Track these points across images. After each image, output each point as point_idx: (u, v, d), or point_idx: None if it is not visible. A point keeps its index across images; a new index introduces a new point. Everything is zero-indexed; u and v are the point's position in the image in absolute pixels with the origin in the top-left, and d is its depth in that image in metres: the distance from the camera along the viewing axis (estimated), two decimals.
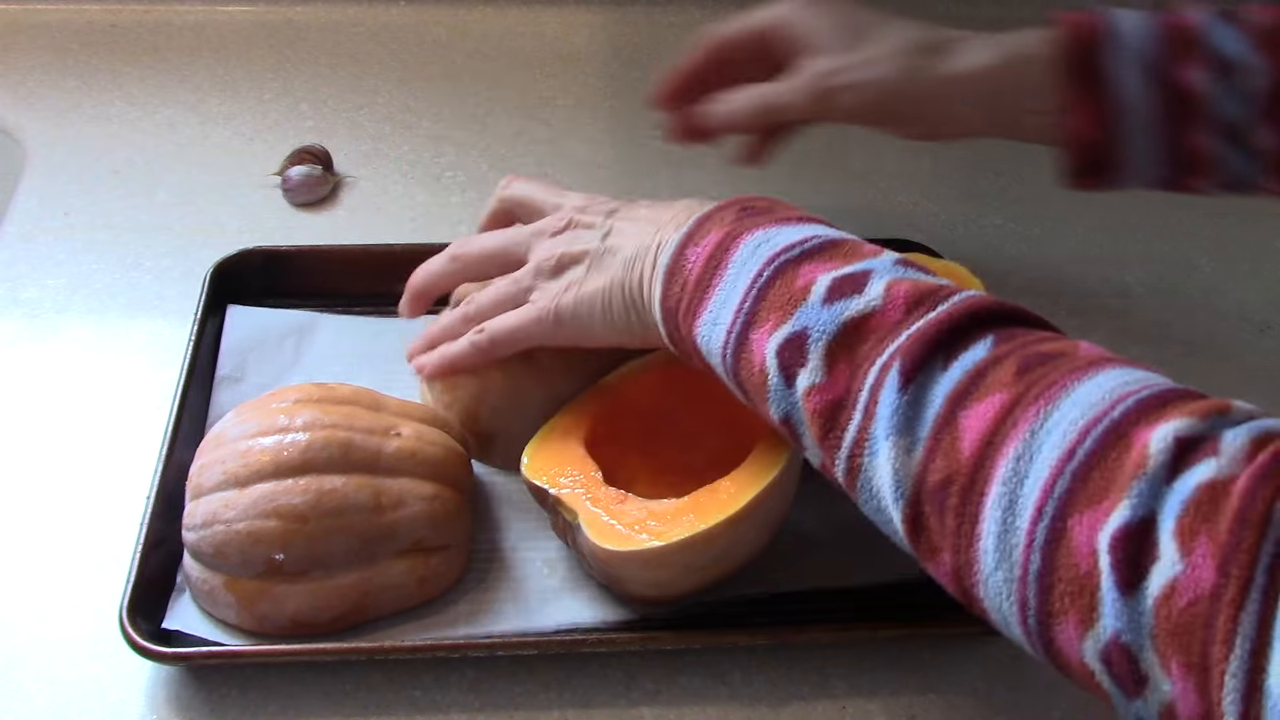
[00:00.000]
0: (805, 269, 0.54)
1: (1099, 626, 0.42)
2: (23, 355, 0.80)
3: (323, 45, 1.11)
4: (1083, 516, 0.42)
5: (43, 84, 1.03)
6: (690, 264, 0.58)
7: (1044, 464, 0.44)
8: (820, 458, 0.53)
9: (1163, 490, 0.41)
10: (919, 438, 0.48)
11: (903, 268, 0.54)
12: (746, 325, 0.55)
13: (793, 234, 0.56)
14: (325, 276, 0.82)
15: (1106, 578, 0.41)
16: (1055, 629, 0.44)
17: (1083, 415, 0.44)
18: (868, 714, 0.63)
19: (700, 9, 1.17)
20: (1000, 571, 0.45)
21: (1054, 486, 0.43)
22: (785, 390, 0.53)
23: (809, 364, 0.52)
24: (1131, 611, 0.40)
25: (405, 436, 0.65)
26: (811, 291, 0.53)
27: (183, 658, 0.61)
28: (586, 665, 0.64)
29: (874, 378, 0.50)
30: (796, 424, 0.53)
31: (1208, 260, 0.93)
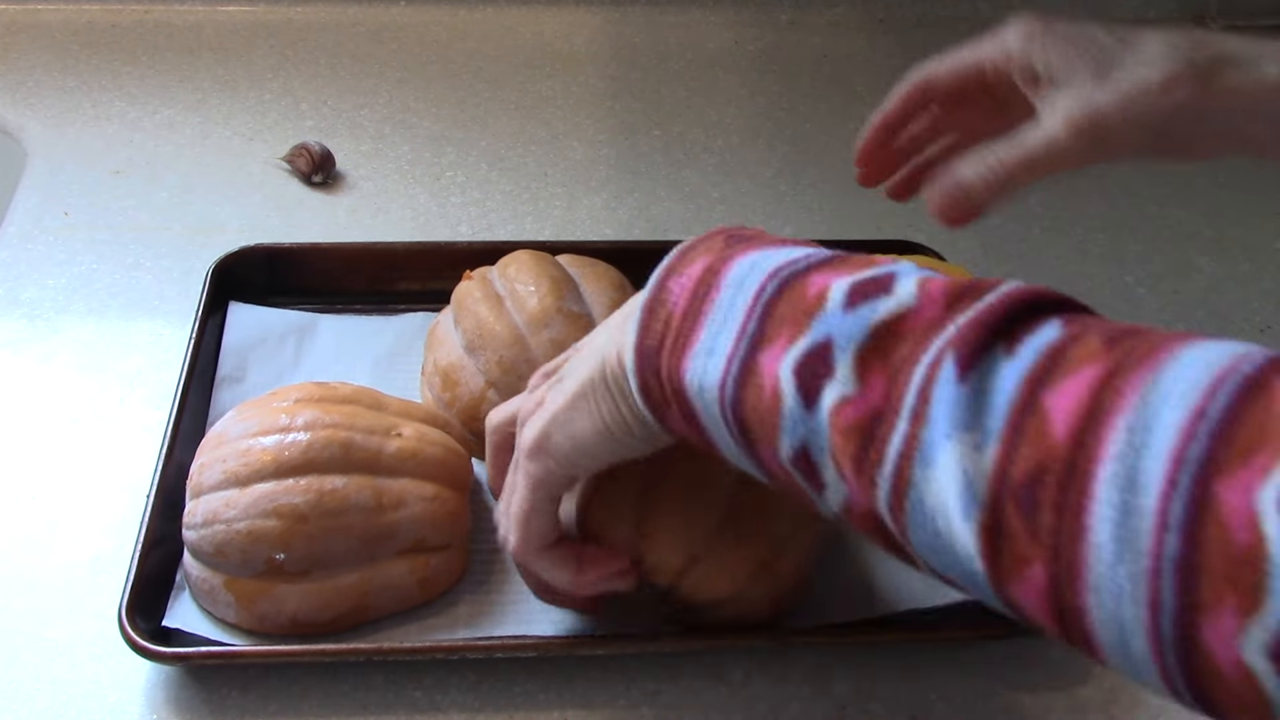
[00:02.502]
0: (815, 278, 0.47)
1: (1267, 612, 0.34)
2: (23, 355, 0.80)
3: (323, 45, 1.11)
4: (1232, 480, 0.35)
5: (43, 84, 1.03)
6: (675, 296, 0.50)
7: (1169, 429, 0.37)
8: (847, 492, 0.45)
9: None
10: (991, 430, 0.41)
11: (928, 270, 0.47)
12: (753, 348, 0.47)
13: (792, 252, 0.50)
14: (326, 274, 0.82)
15: (1276, 546, 0.34)
16: (1203, 627, 0.36)
17: (1204, 375, 0.38)
18: (868, 714, 0.63)
19: (700, 9, 1.18)
20: (1122, 566, 0.37)
21: (1186, 452, 0.36)
22: (804, 414, 0.45)
23: (836, 375, 0.45)
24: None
25: (406, 436, 0.65)
26: (828, 299, 0.46)
27: (182, 658, 0.61)
28: (587, 666, 0.64)
29: (921, 376, 0.43)
30: (815, 454, 0.46)
31: (1208, 260, 0.93)
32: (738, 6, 1.18)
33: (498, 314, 0.72)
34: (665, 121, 1.05)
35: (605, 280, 0.75)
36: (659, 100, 1.07)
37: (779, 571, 0.63)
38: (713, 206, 0.96)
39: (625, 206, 0.95)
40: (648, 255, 0.82)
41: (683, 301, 0.50)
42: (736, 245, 0.51)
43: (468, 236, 0.91)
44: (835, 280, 0.47)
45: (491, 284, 0.75)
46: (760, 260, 0.50)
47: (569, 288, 0.74)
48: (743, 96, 1.09)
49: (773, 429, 0.47)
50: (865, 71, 1.12)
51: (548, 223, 0.93)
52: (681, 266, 0.52)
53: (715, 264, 0.50)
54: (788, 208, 0.96)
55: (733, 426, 0.48)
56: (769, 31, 1.17)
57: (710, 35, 1.16)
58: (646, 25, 1.16)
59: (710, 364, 0.48)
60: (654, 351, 0.50)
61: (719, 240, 0.53)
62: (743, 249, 0.51)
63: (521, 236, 0.91)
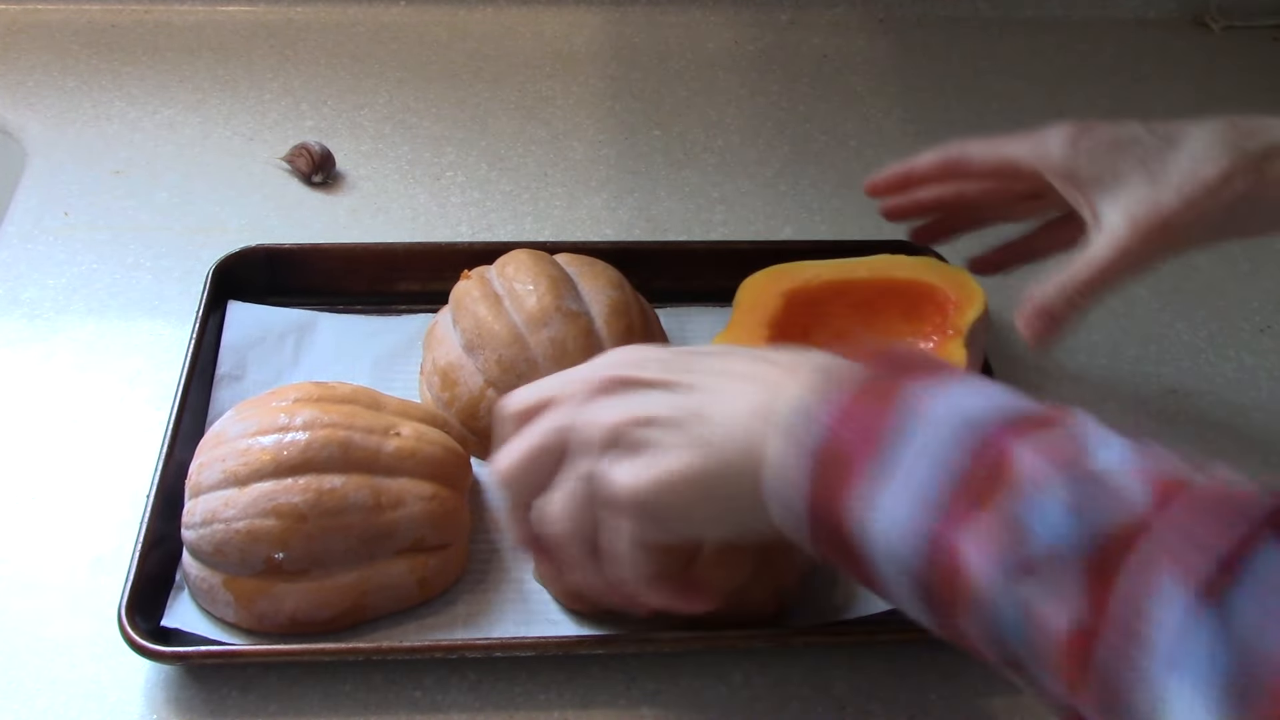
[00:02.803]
0: (1005, 445, 0.43)
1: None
2: (23, 355, 0.80)
3: (323, 45, 1.11)
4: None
5: (43, 84, 1.03)
6: (834, 427, 0.46)
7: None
8: (1045, 686, 0.42)
9: None
10: (1255, 682, 0.36)
11: (1134, 452, 0.43)
12: (937, 519, 0.43)
13: (966, 397, 0.45)
14: (326, 274, 0.82)
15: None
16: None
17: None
18: (868, 714, 0.63)
19: (700, 9, 1.18)
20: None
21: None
22: (997, 603, 0.42)
23: (1039, 575, 0.41)
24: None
25: (405, 436, 0.65)
26: (1024, 479, 0.42)
27: (182, 657, 0.61)
28: (587, 666, 0.64)
29: (1138, 599, 0.39)
30: (1010, 640, 0.42)
31: (1208, 260, 0.93)
32: (738, 6, 1.18)
33: (496, 313, 0.72)
34: (665, 121, 1.05)
35: (603, 279, 0.75)
36: (659, 100, 1.07)
37: (780, 567, 0.63)
38: (713, 206, 0.96)
39: (625, 206, 0.95)
40: (648, 255, 0.84)
41: (846, 435, 0.46)
42: (901, 374, 0.47)
43: (468, 237, 0.91)
44: (1028, 456, 0.42)
45: (490, 283, 0.75)
46: (935, 404, 0.45)
47: (567, 287, 0.74)
48: (743, 96, 1.09)
49: (961, 605, 0.43)
50: (865, 71, 1.12)
51: (548, 223, 0.93)
52: (840, 395, 0.47)
53: (885, 401, 0.46)
54: (788, 208, 0.96)
55: (912, 589, 0.45)
56: (769, 31, 1.17)
57: (710, 35, 1.16)
58: (646, 25, 1.16)
59: (886, 521, 0.45)
60: (807, 484, 0.47)
61: (879, 366, 0.48)
62: (913, 383, 0.46)
63: (521, 236, 0.90)
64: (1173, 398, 0.82)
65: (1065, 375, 0.83)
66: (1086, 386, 0.80)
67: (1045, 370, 0.82)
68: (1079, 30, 1.19)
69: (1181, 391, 0.82)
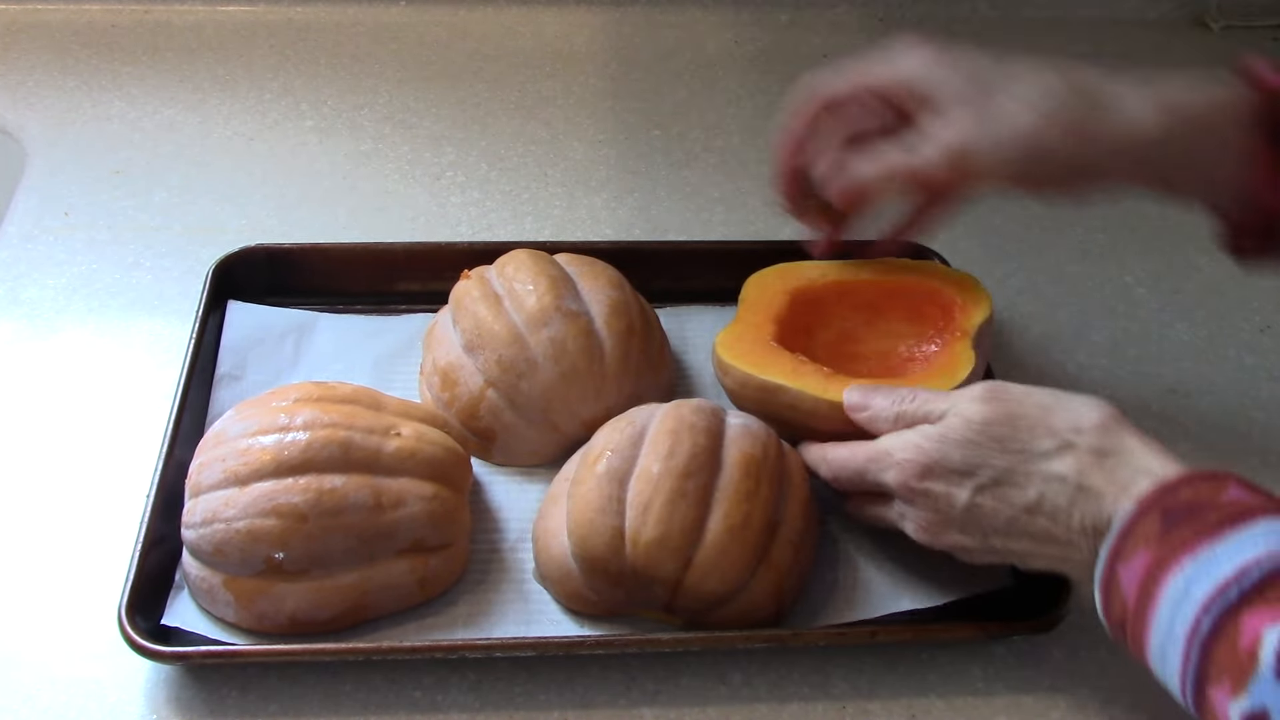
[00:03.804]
0: (1247, 621, 0.48)
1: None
2: (23, 355, 0.80)
3: (323, 45, 1.11)
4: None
5: (43, 84, 1.03)
6: (1126, 588, 0.54)
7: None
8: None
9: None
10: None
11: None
12: (1199, 680, 0.50)
13: (1225, 563, 0.50)
14: (326, 274, 0.82)
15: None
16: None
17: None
18: (868, 714, 0.63)
19: (700, 9, 1.17)
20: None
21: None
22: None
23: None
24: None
25: (405, 436, 0.65)
26: (1260, 658, 0.47)
27: (182, 657, 0.61)
28: (586, 666, 0.64)
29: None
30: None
31: (1208, 260, 0.93)
32: (738, 6, 1.18)
33: (496, 313, 0.72)
34: (665, 121, 1.05)
35: (603, 279, 0.75)
36: (659, 100, 1.07)
37: (780, 567, 0.63)
38: (713, 206, 0.96)
39: (625, 206, 0.95)
40: (648, 255, 0.84)
41: (1133, 596, 0.53)
42: (1175, 535, 0.52)
43: (467, 236, 0.91)
44: (1265, 629, 0.48)
45: (490, 283, 0.75)
46: (1196, 578, 0.50)
47: (567, 286, 0.74)
48: (743, 96, 1.09)
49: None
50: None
51: (547, 223, 0.93)
52: (1126, 553, 0.54)
53: (1155, 568, 0.52)
54: None
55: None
56: (769, 31, 1.17)
57: (710, 35, 1.16)
58: (646, 25, 1.16)
59: (1166, 673, 0.52)
60: (1119, 627, 0.55)
61: (1156, 522, 0.53)
62: (1181, 546, 0.51)
63: (521, 236, 0.90)
64: (1173, 398, 0.82)
65: (1065, 375, 0.83)
66: (1086, 387, 0.80)
67: (1045, 371, 0.83)
68: (1079, 30, 1.19)
69: (1181, 391, 0.82)
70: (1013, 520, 0.59)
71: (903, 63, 0.69)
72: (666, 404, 0.68)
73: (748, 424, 0.67)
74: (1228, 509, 0.52)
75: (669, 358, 0.78)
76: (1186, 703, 0.52)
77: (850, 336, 0.77)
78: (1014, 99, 0.65)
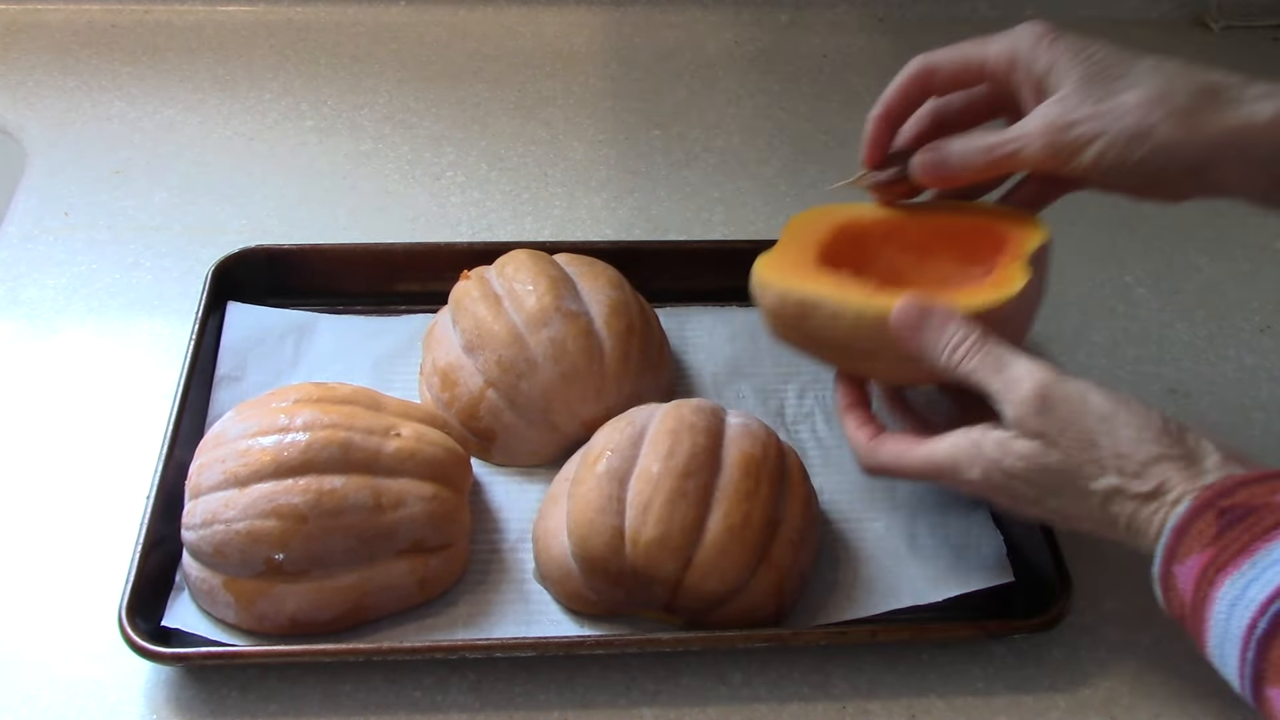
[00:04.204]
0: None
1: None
2: (23, 355, 0.80)
3: (323, 45, 1.11)
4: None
5: (43, 84, 1.03)
6: (1182, 587, 0.54)
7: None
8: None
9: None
10: None
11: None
12: (1258, 678, 0.51)
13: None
14: (326, 275, 0.82)
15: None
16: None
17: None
18: (868, 714, 0.63)
19: (700, 9, 1.17)
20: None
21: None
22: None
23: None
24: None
25: (405, 436, 0.65)
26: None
27: (182, 658, 0.61)
28: (586, 666, 0.64)
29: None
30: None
31: (1208, 260, 0.93)
32: (738, 6, 1.18)
33: (496, 313, 0.72)
34: (665, 121, 1.05)
35: (603, 279, 0.75)
36: (659, 100, 1.07)
37: (780, 567, 0.63)
38: (713, 206, 0.96)
39: (625, 206, 0.95)
40: (648, 255, 0.84)
41: (1189, 595, 0.54)
42: (1229, 538, 0.52)
43: (467, 237, 0.91)
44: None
45: (489, 283, 0.75)
46: (1251, 582, 0.51)
47: (567, 287, 0.74)
48: (743, 96, 1.09)
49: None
50: (865, 71, 1.12)
51: (548, 223, 0.93)
52: (1181, 554, 0.54)
53: (1210, 570, 0.52)
54: (788, 207, 0.96)
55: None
56: (769, 31, 1.17)
57: (710, 35, 1.16)
58: (646, 25, 1.16)
59: (1226, 670, 0.53)
60: (1180, 620, 0.55)
61: (1211, 523, 0.53)
62: (1236, 551, 0.52)
63: (521, 236, 0.90)
64: (1173, 398, 0.82)
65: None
66: None
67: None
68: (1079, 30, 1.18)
69: (1181, 391, 0.82)
70: (1082, 518, 0.59)
71: (1019, 41, 0.66)
72: (666, 404, 0.68)
73: (748, 424, 0.67)
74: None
75: (669, 358, 0.78)
76: (1248, 699, 0.52)
77: (898, 276, 0.70)
78: (1134, 91, 0.62)
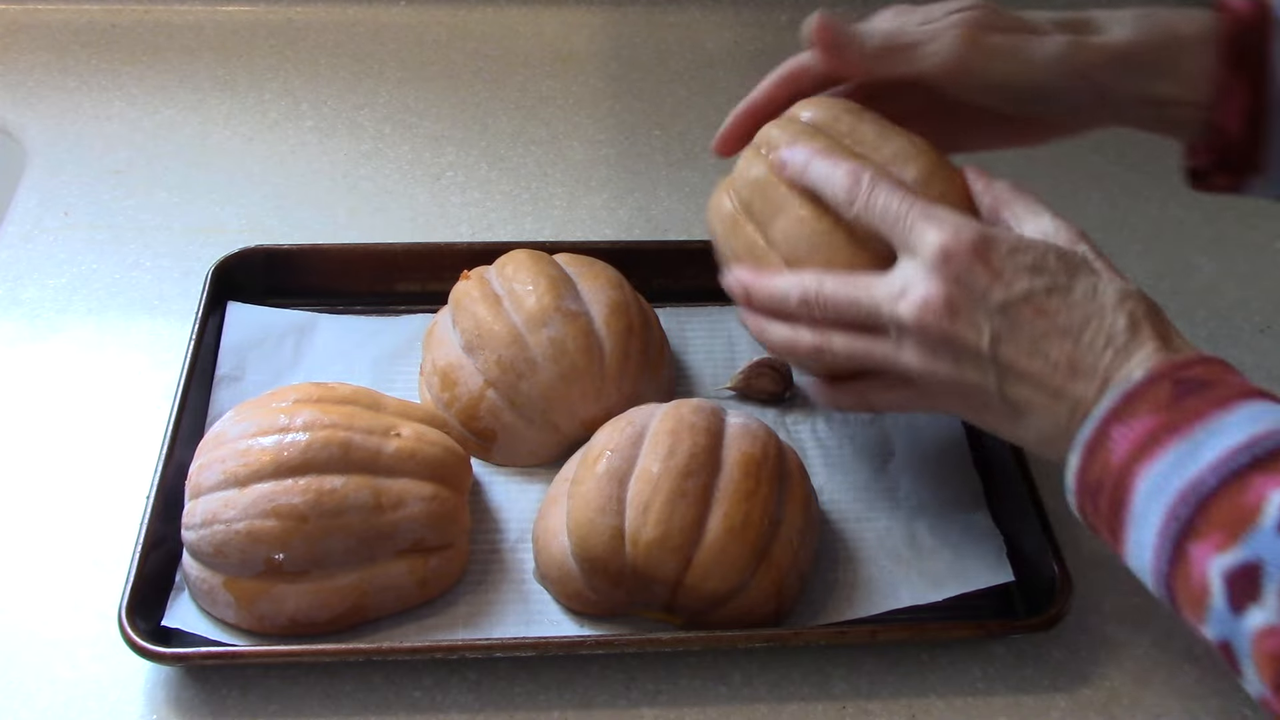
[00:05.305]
0: (1255, 480, 0.48)
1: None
2: (23, 355, 0.80)
3: (323, 45, 1.11)
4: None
5: (43, 84, 1.03)
6: (1117, 445, 0.52)
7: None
8: (1265, 697, 0.48)
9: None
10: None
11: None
12: (1183, 535, 0.49)
13: (1237, 430, 0.50)
14: (326, 275, 0.82)
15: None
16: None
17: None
18: (868, 714, 0.63)
19: (700, 9, 1.17)
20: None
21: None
22: (1230, 618, 0.48)
23: (1263, 601, 0.47)
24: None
25: (405, 436, 0.65)
26: (1263, 513, 0.47)
27: (182, 658, 0.61)
28: (587, 666, 0.64)
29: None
30: (1237, 653, 0.49)
31: (1208, 260, 0.93)
32: (738, 6, 1.18)
33: (496, 313, 0.72)
34: (665, 121, 1.05)
35: (603, 279, 0.75)
36: (659, 100, 1.07)
37: (780, 567, 0.63)
38: None
39: (625, 206, 0.95)
40: (648, 255, 0.84)
41: (1122, 455, 0.51)
42: (1184, 404, 0.51)
43: (468, 237, 0.91)
44: (1272, 492, 0.47)
45: (489, 283, 0.75)
46: (1205, 441, 0.50)
47: (567, 287, 0.74)
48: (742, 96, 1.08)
49: (1199, 612, 0.50)
50: None
51: (548, 223, 0.93)
52: (1127, 415, 0.52)
53: (1159, 430, 0.51)
54: None
55: (1160, 589, 0.52)
56: (769, 31, 1.17)
57: (710, 35, 1.16)
58: (646, 25, 1.16)
59: (1144, 534, 0.51)
60: (1091, 491, 0.53)
61: (1166, 389, 0.52)
62: (1191, 413, 0.51)
63: (521, 236, 0.90)
64: None
65: None
66: None
67: None
68: None
69: None
70: (1042, 339, 0.55)
71: (881, 19, 0.67)
72: (666, 404, 0.68)
73: (747, 424, 0.67)
74: (1240, 387, 0.52)
75: (669, 358, 0.78)
76: (1156, 567, 0.51)
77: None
78: (1024, 19, 0.64)
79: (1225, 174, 0.66)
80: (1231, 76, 0.63)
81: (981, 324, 0.56)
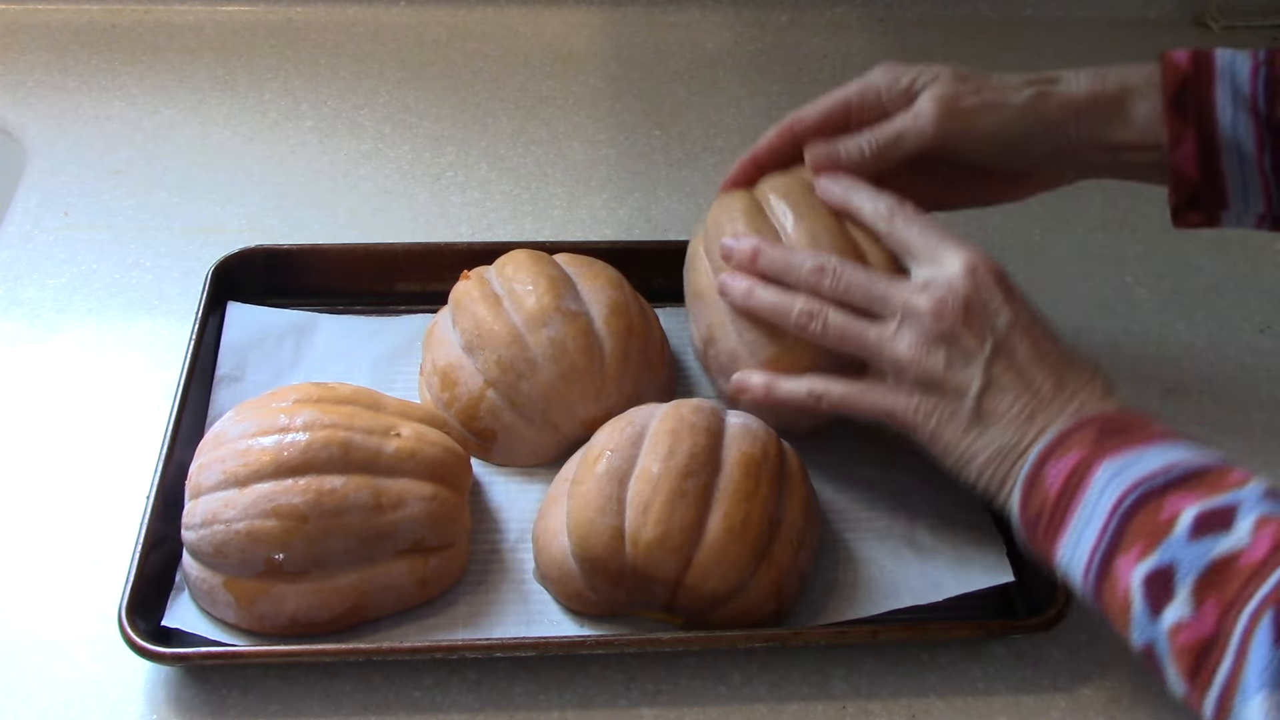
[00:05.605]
0: (1170, 500, 0.54)
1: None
2: (23, 355, 0.80)
3: (323, 45, 1.11)
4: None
5: (43, 84, 1.03)
6: (1050, 481, 0.58)
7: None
8: (1185, 691, 0.52)
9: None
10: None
11: (1272, 501, 0.53)
12: (1110, 551, 0.55)
13: (1154, 460, 0.56)
14: (326, 275, 0.82)
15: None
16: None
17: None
18: (868, 714, 0.63)
19: (700, 9, 1.18)
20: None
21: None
22: (1149, 621, 0.53)
23: (1176, 599, 0.52)
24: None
25: (405, 436, 0.65)
26: (1176, 525, 0.53)
27: (182, 658, 0.61)
28: (586, 666, 0.64)
29: (1244, 624, 0.49)
30: (1159, 655, 0.53)
31: (1208, 260, 0.93)
32: (737, 6, 1.18)
33: (496, 313, 0.72)
34: (665, 121, 1.05)
35: (603, 279, 0.75)
36: (659, 100, 1.07)
37: (780, 567, 0.63)
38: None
39: (625, 206, 0.95)
40: (648, 255, 0.84)
41: (1055, 487, 0.58)
42: (1109, 440, 0.58)
43: (467, 237, 0.91)
44: (1186, 507, 0.53)
45: (489, 283, 0.75)
46: (1125, 467, 0.56)
47: (566, 287, 0.74)
48: (742, 96, 1.09)
49: (1125, 622, 0.54)
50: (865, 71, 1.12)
51: (547, 223, 0.93)
52: (1059, 452, 0.59)
53: (1085, 461, 0.57)
54: None
55: (1092, 604, 0.57)
56: (769, 31, 1.17)
57: (710, 35, 1.16)
58: (646, 25, 1.16)
59: (1077, 554, 0.56)
60: (1032, 523, 0.59)
61: (1093, 431, 0.58)
62: (1114, 447, 0.57)
63: (521, 236, 0.90)
64: (1172, 398, 0.82)
65: None
66: None
67: None
68: (1079, 30, 1.19)
69: (1181, 391, 0.82)
70: (1031, 365, 0.62)
71: (876, 76, 0.73)
72: (666, 404, 0.68)
73: (748, 424, 0.67)
74: (1158, 430, 0.58)
75: (669, 358, 0.78)
76: (1088, 582, 0.56)
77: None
78: (995, 78, 0.71)
79: (1195, 212, 0.71)
80: (1181, 124, 0.68)
81: (986, 335, 0.62)
